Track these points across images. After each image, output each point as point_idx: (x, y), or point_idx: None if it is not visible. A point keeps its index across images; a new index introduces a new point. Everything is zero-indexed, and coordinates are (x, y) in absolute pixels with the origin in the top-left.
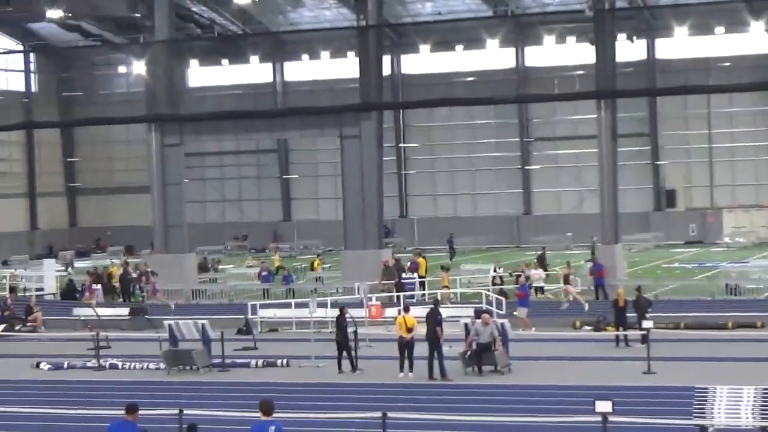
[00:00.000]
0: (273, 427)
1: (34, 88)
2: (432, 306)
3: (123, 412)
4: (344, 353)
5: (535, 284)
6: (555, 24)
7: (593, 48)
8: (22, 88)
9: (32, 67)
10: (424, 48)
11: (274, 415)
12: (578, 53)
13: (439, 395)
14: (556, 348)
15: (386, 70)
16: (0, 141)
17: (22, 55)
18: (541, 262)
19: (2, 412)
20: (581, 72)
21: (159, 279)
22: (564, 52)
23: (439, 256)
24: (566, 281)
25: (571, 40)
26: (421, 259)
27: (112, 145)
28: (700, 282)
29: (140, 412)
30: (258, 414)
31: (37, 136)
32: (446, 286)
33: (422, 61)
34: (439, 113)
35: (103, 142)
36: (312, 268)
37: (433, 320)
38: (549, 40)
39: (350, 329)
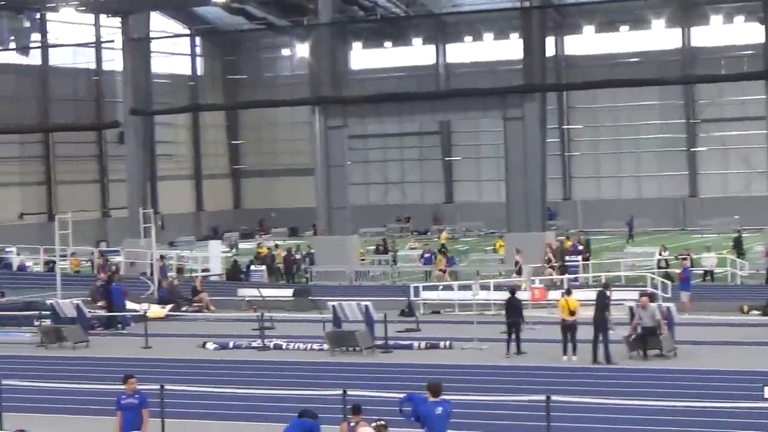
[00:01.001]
0: (441, 408)
1: (200, 72)
2: (600, 289)
3: (292, 391)
4: (513, 335)
5: (706, 268)
6: (722, 3)
7: (762, 27)
8: (188, 71)
9: (198, 50)
10: (588, 29)
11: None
12: (746, 33)
13: (603, 379)
14: (723, 332)
15: (549, 51)
16: (167, 124)
17: (188, 39)
18: (738, 246)
19: (170, 390)
20: (750, 52)
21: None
22: (731, 32)
23: (603, 238)
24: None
25: (738, 19)
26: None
27: (276, 127)
28: None
29: (302, 392)
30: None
31: (203, 119)
32: (442, 270)
33: (586, 42)
34: (602, 95)
35: (267, 124)
36: (496, 250)
37: (601, 303)
38: (716, 19)
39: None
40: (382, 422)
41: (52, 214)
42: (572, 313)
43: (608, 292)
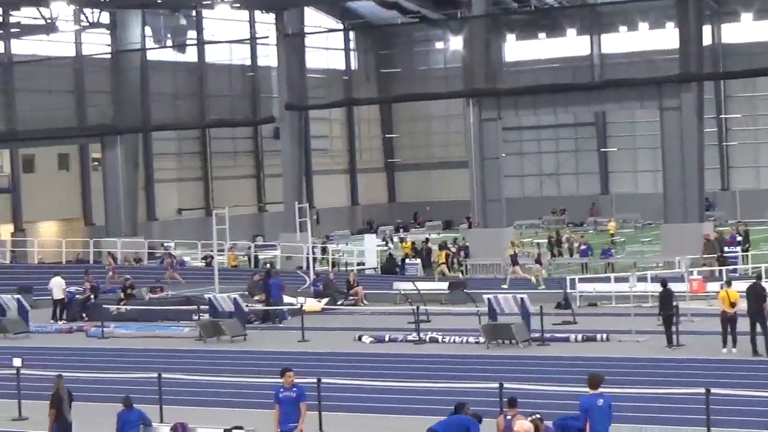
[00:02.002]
0: (602, 400)
1: (353, 66)
2: (754, 281)
3: (448, 384)
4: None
5: None
6: None
7: None
8: (342, 66)
9: (352, 45)
10: (746, 16)
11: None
12: None
13: (764, 371)
14: None
15: (706, 40)
16: (321, 119)
17: (342, 33)
18: None
19: (327, 384)
20: None
21: (474, 253)
22: None
23: (762, 229)
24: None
25: None
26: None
27: (430, 120)
28: None
29: (458, 385)
30: (585, 388)
31: (357, 113)
32: (443, 263)
33: (744, 30)
34: (762, 83)
35: (421, 117)
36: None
37: (755, 295)
38: None
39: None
40: (539, 416)
41: (209, 210)
42: (733, 304)
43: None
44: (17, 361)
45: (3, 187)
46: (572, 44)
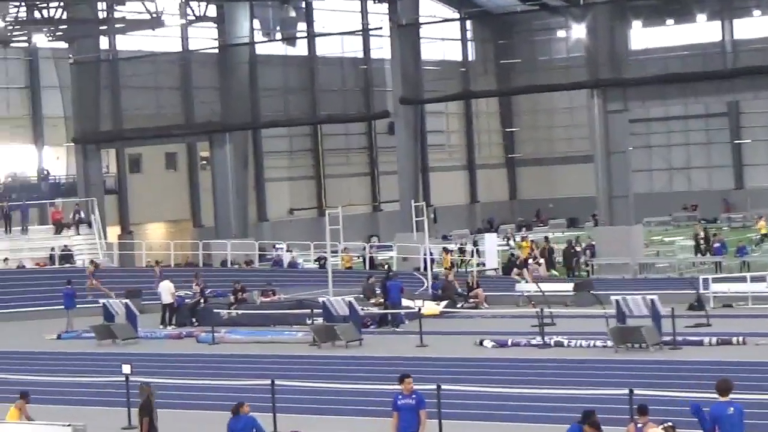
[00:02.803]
0: (732, 408)
1: (471, 57)
2: None
3: (574, 390)
4: None
5: None
6: None
7: None
8: (459, 57)
9: (469, 35)
10: None
11: (731, 396)
12: None
13: None
14: None
15: None
16: (438, 113)
17: (458, 23)
18: None
19: (447, 390)
20: None
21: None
22: None
23: None
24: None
25: None
26: None
27: (552, 113)
28: None
29: (586, 392)
30: (715, 395)
31: (476, 106)
32: (446, 268)
33: None
34: None
35: (543, 110)
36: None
37: None
38: None
39: None
40: (670, 424)
41: (321, 209)
42: None
43: None
44: (126, 368)
45: (109, 188)
46: (702, 30)
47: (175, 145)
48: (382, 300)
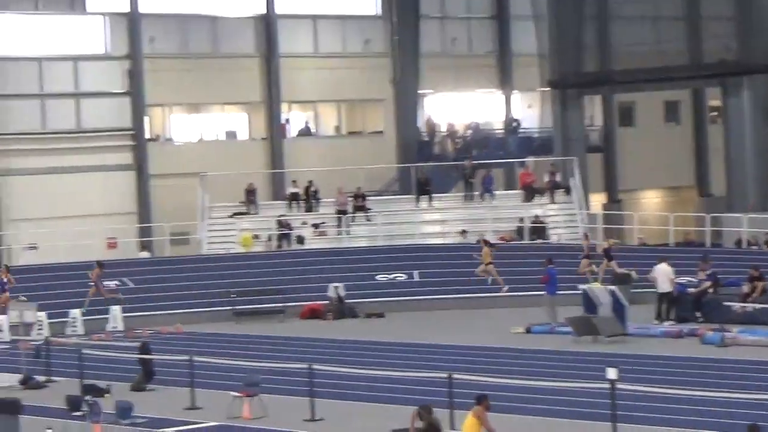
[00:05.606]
0: None
1: None
2: None
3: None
4: None
5: None
6: None
7: None
8: None
9: None
10: None
11: None
12: None
13: None
14: None
15: None
16: None
17: None
18: None
19: None
20: None
21: None
22: None
23: None
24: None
25: None
26: None
27: None
28: None
29: None
30: None
31: None
32: (489, 263)
33: None
34: None
35: None
36: None
37: None
38: None
39: None
40: None
41: None
42: None
43: None
44: (612, 372)
45: (593, 145)
46: None
47: (677, 92)
48: None
